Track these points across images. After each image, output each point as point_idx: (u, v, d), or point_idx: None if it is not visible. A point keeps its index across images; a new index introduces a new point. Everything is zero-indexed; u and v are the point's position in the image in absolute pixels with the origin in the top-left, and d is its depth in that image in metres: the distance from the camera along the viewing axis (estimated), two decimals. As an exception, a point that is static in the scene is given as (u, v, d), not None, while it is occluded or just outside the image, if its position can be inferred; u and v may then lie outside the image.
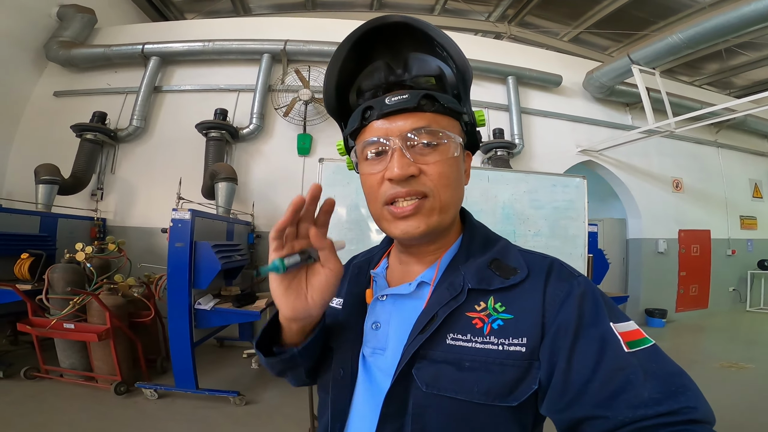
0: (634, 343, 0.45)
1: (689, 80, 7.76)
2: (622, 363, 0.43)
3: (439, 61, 0.55)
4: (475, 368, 0.47)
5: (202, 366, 2.96)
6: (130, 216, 4.67)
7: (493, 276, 0.52)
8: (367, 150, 0.53)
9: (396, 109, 0.51)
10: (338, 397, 0.56)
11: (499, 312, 0.49)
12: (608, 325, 0.46)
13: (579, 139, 5.66)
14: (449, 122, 0.53)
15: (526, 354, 0.46)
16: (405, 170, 0.49)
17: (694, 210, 6.31)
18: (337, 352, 0.59)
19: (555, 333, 0.46)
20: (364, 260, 0.69)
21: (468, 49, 4.64)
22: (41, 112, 4.98)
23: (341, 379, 0.56)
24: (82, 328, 2.87)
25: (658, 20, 6.36)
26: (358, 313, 0.60)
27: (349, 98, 0.58)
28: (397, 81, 0.53)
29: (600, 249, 4.19)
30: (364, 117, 0.53)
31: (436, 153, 0.51)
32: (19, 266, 3.16)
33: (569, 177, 3.26)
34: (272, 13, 6.94)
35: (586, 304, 0.48)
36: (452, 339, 0.49)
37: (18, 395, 2.75)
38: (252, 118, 4.73)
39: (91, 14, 5.21)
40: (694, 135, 6.27)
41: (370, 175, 0.54)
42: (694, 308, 6.21)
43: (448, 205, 0.53)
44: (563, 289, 0.49)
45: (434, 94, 0.51)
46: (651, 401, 0.40)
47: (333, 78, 0.56)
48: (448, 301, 0.50)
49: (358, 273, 0.67)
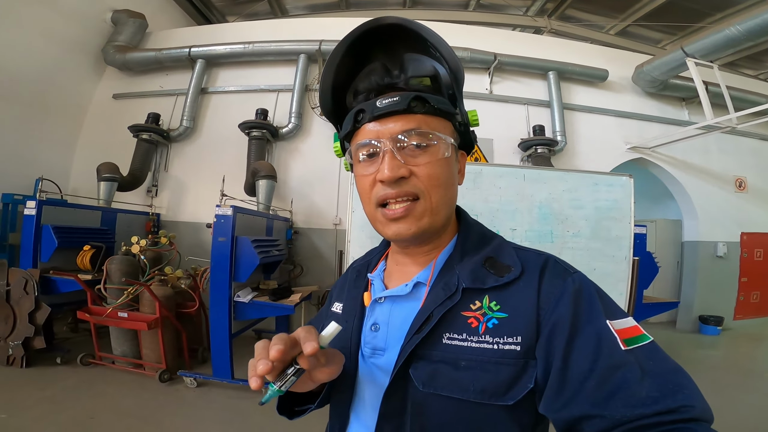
0: (632, 341, 0.44)
1: (754, 74, 7.11)
2: (619, 361, 0.42)
3: (434, 62, 0.55)
4: (471, 367, 0.47)
5: (239, 357, 3.08)
6: (181, 211, 4.97)
7: (488, 274, 0.52)
8: (360, 152, 0.54)
9: (386, 111, 0.51)
10: (339, 399, 0.58)
11: (494, 311, 0.49)
12: (604, 322, 0.46)
13: (628, 136, 5.36)
14: (440, 123, 0.54)
15: (521, 353, 0.46)
16: (395, 172, 0.50)
17: (759, 212, 5.80)
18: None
19: (550, 331, 0.46)
20: (362, 263, 0.70)
21: (505, 44, 4.53)
22: (102, 114, 5.41)
23: (341, 380, 0.57)
24: (134, 317, 3.09)
25: (714, 12, 5.92)
26: (357, 316, 0.61)
27: (347, 100, 0.59)
28: (390, 83, 0.54)
29: (649, 252, 3.94)
30: (357, 119, 0.54)
31: (426, 154, 0.52)
32: (81, 257, 3.44)
33: (614, 175, 3.09)
34: (308, 13, 7.09)
35: (581, 301, 0.48)
36: (448, 338, 0.49)
37: (73, 381, 2.97)
38: (291, 117, 4.88)
39: (142, 19, 5.54)
40: (759, 131, 5.76)
41: (363, 177, 0.55)
42: (755, 316, 5.73)
43: (439, 207, 0.53)
44: (558, 287, 0.49)
45: (425, 96, 0.52)
46: (648, 400, 0.39)
47: (329, 80, 0.57)
48: (443, 301, 0.51)
49: (357, 276, 0.67)
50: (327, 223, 4.77)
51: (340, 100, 0.60)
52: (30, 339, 3.11)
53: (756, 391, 3.27)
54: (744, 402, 3.02)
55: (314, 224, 4.77)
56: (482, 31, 5.67)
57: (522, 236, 2.91)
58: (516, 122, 5.13)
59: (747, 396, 3.14)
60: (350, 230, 2.93)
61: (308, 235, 4.74)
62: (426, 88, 0.54)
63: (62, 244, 3.33)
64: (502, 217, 2.91)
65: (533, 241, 2.91)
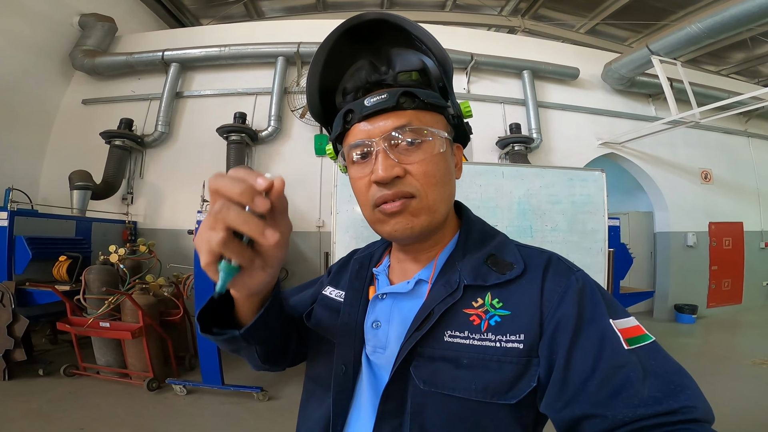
0: (634, 340, 0.44)
1: (715, 70, 7.48)
2: (622, 361, 0.42)
3: (421, 55, 0.53)
4: (473, 365, 0.46)
5: (228, 363, 3.07)
6: (159, 218, 4.86)
7: (490, 272, 0.51)
8: (353, 153, 0.53)
9: (375, 110, 0.50)
10: (340, 394, 0.55)
11: (497, 308, 0.49)
12: (608, 321, 0.45)
13: (600, 132, 5.55)
14: (432, 117, 0.52)
15: (523, 351, 0.46)
16: (389, 172, 0.48)
17: (725, 202, 6.10)
18: (339, 348, 0.57)
19: (554, 330, 0.46)
20: (365, 255, 0.68)
21: (481, 44, 4.62)
22: (71, 120, 5.22)
23: (343, 376, 0.55)
24: (117, 327, 3.03)
25: (677, 10, 6.17)
26: (360, 309, 0.59)
27: (336, 100, 0.57)
28: (378, 80, 0.52)
29: (623, 243, 4.10)
30: (346, 120, 0.52)
31: (420, 151, 0.50)
32: (58, 268, 3.34)
33: (587, 171, 3.22)
34: (285, 16, 7.04)
35: (585, 299, 0.47)
36: (450, 336, 0.48)
37: (58, 392, 2.90)
38: (270, 120, 4.84)
39: (111, 22, 5.37)
40: (722, 125, 6.04)
41: (358, 179, 0.53)
42: (727, 304, 6.01)
43: (436, 204, 0.51)
44: (561, 285, 0.48)
45: (413, 91, 0.50)
46: (651, 400, 0.39)
47: (315, 82, 0.56)
48: (445, 298, 0.50)
49: (359, 268, 0.65)
50: (310, 225, 4.76)
51: (329, 101, 0.58)
52: (10, 351, 3.03)
53: (734, 377, 3.37)
54: (724, 388, 3.10)
55: (297, 227, 4.76)
56: (459, 31, 5.76)
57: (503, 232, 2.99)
58: (493, 121, 5.23)
59: (726, 382, 3.24)
60: (335, 232, 2.95)
61: (291, 239, 4.68)
62: (415, 82, 0.52)
63: (37, 255, 3.23)
64: (483, 213, 2.94)
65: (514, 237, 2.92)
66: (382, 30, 0.53)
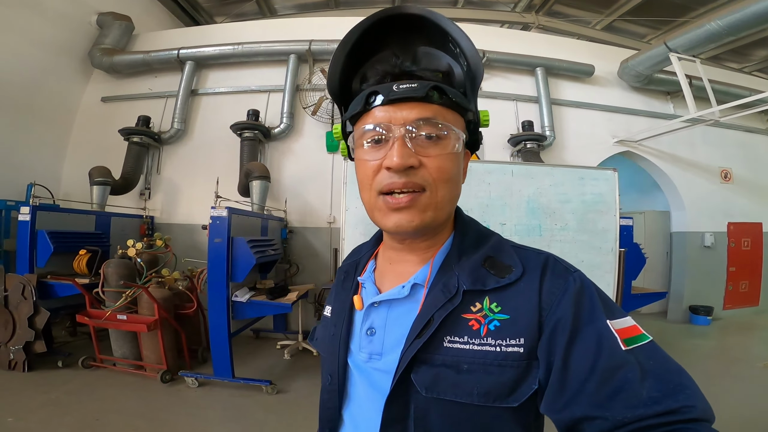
0: (631, 340, 0.44)
1: (738, 67, 7.22)
2: (620, 361, 0.42)
3: (450, 59, 0.54)
4: (474, 370, 0.46)
5: (238, 356, 3.13)
6: (175, 214, 4.98)
7: (488, 275, 0.51)
8: (367, 136, 0.52)
9: (404, 95, 0.49)
10: (328, 404, 0.57)
11: (495, 312, 0.49)
12: (605, 322, 0.45)
13: (615, 130, 5.45)
14: (454, 117, 0.52)
15: (524, 354, 0.46)
16: (405, 160, 0.48)
17: (745, 202, 5.92)
18: (324, 360, 0.59)
19: (551, 331, 0.46)
20: (350, 263, 0.68)
21: (494, 41, 4.59)
22: (91, 118, 5.38)
23: (329, 386, 0.57)
24: (134, 319, 3.12)
25: (697, 6, 5.99)
26: (345, 319, 0.59)
27: (353, 85, 0.57)
28: (408, 70, 0.52)
29: (636, 243, 4.03)
30: (368, 102, 0.51)
31: (438, 146, 0.50)
32: (78, 262, 3.45)
33: (599, 170, 3.18)
34: (297, 13, 7.07)
35: (582, 300, 0.47)
36: (449, 342, 0.48)
37: (76, 384, 3.00)
38: (282, 117, 4.89)
39: (128, 21, 5.49)
40: (743, 123, 5.86)
41: (366, 162, 0.52)
42: (744, 306, 5.83)
43: (444, 202, 0.51)
44: (559, 286, 0.48)
45: (443, 87, 0.50)
46: (649, 400, 0.39)
47: (339, 63, 0.55)
48: (444, 304, 0.50)
49: (344, 278, 0.65)
50: (321, 221, 4.81)
51: (346, 85, 0.58)
52: (30, 343, 3.14)
53: (747, 380, 3.32)
54: (735, 391, 3.06)
55: (309, 223, 4.81)
56: (471, 28, 5.70)
57: (511, 230, 2.98)
58: (505, 118, 5.19)
59: (738, 385, 3.19)
60: (344, 228, 2.98)
61: (303, 234, 4.78)
62: (440, 80, 0.52)
63: (58, 249, 3.34)
64: (492, 212, 2.99)
65: (522, 235, 2.99)
66: (416, 26, 0.53)
